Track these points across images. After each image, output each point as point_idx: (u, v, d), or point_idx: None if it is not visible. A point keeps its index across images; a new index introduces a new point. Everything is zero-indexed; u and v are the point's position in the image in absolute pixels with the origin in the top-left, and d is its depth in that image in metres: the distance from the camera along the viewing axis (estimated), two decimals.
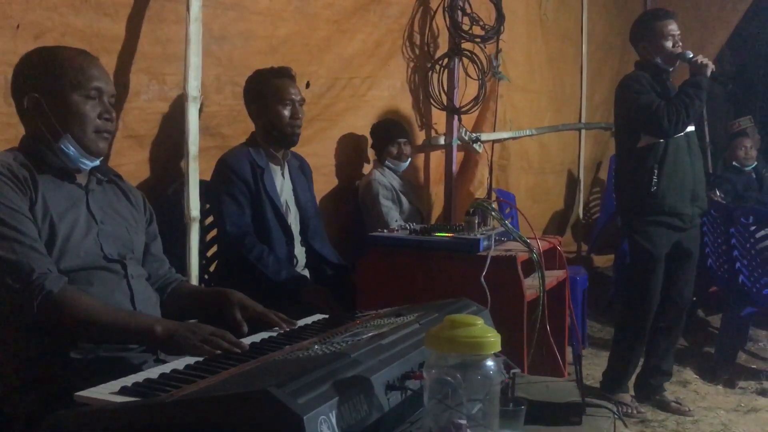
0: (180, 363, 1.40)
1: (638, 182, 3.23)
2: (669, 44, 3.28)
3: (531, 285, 2.28)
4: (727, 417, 3.41)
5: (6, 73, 1.86)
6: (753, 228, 3.93)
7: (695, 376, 3.99)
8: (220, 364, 1.39)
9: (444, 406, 1.17)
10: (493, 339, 1.15)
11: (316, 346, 1.39)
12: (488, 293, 2.06)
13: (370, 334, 1.46)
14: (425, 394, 1.18)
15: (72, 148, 1.65)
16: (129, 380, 1.26)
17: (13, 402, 1.54)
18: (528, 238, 2.30)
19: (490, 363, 1.16)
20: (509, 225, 2.32)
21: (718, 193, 4.93)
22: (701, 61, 3.21)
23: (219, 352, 1.47)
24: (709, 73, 3.20)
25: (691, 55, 3.25)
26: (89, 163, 1.70)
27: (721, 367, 4.04)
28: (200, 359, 1.43)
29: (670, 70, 3.37)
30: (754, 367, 4.14)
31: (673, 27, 3.30)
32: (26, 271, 1.47)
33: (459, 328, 1.16)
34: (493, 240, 2.31)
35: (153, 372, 1.32)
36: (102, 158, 1.75)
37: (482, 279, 2.09)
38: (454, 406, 1.16)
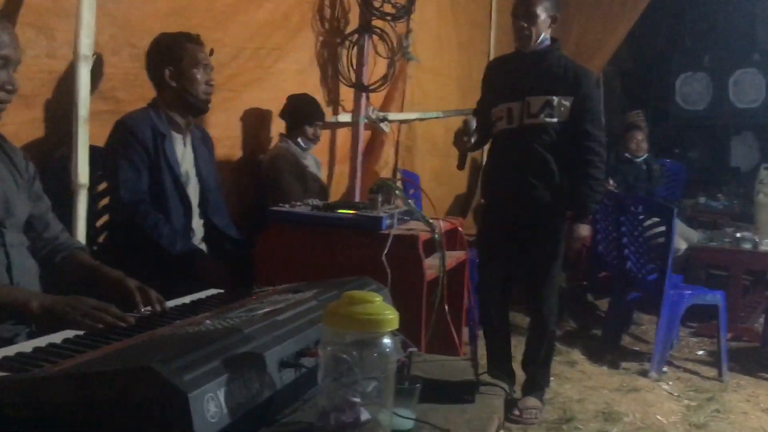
0: (58, 337, 1.31)
1: None
2: None
3: (432, 265, 2.29)
4: (610, 396, 3.58)
5: None
6: (641, 217, 4.12)
7: (582, 356, 4.17)
8: (102, 338, 1.31)
9: (338, 384, 1.14)
10: (391, 317, 1.13)
11: (208, 321, 1.33)
12: (389, 272, 2.05)
13: (265, 310, 1.42)
14: (320, 372, 1.15)
15: None
16: (10, 351, 1.16)
17: None
18: (430, 218, 2.31)
19: (386, 341, 1.14)
20: (412, 204, 2.31)
21: (611, 182, 5.14)
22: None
23: (102, 326, 1.39)
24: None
25: None
26: None
27: (607, 348, 4.24)
28: (80, 333, 1.35)
29: None
30: (637, 349, 4.37)
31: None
32: None
33: (356, 305, 1.13)
34: (395, 219, 2.30)
35: (26, 346, 1.23)
36: None
37: (383, 257, 2.08)
38: (349, 385, 1.13)
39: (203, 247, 2.72)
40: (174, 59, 2.63)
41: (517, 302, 3.69)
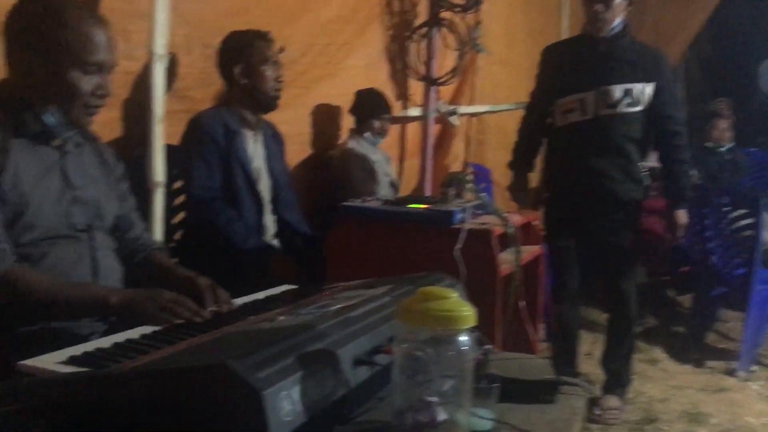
0: (135, 332, 1.32)
1: None
2: None
3: (505, 260, 2.22)
4: (695, 396, 3.42)
5: None
6: (727, 209, 3.92)
7: (664, 354, 4.00)
8: (178, 333, 1.31)
9: (414, 383, 1.11)
10: (468, 313, 1.09)
11: (281, 318, 1.32)
12: (462, 267, 2.00)
13: (338, 306, 1.39)
14: (394, 370, 1.12)
15: (55, 119, 1.54)
16: (79, 349, 1.18)
17: None
18: (504, 212, 2.24)
19: (463, 338, 1.10)
20: (485, 197, 2.25)
21: (694, 173, 4.92)
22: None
23: (178, 320, 1.40)
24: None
25: None
26: (69, 133, 1.60)
27: (691, 346, 4.06)
28: (158, 329, 1.35)
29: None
30: (723, 347, 4.17)
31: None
32: None
33: (432, 301, 1.09)
34: (468, 213, 2.25)
35: (105, 341, 1.24)
36: None
37: (456, 252, 2.03)
38: (425, 383, 1.10)
39: (275, 243, 2.74)
40: (244, 57, 2.65)
41: (589, 297, 3.57)
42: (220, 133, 2.58)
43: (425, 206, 2.30)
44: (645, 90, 2.97)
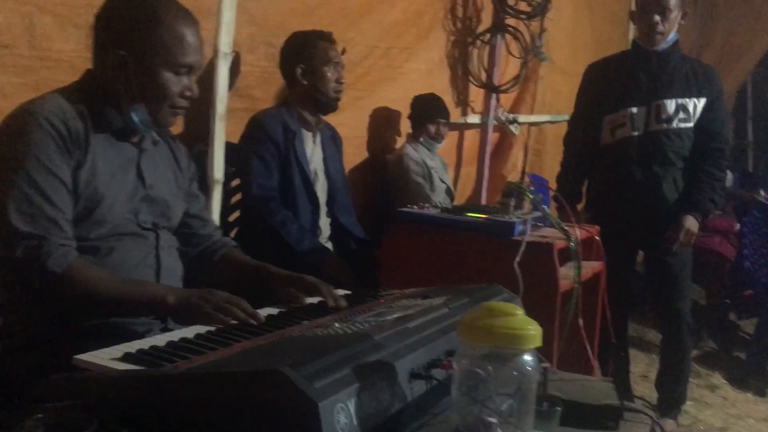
0: (190, 332, 1.31)
1: None
2: None
3: (565, 275, 2.15)
4: (756, 427, 3.27)
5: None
6: None
7: (724, 381, 3.85)
8: (232, 335, 1.29)
9: (472, 401, 1.06)
10: (534, 333, 1.04)
11: (336, 325, 1.29)
12: (521, 280, 1.94)
13: (395, 316, 1.36)
14: (453, 386, 1.07)
15: (140, 118, 1.53)
16: (133, 346, 1.17)
17: (14, 361, 1.47)
18: (566, 225, 2.17)
19: (527, 358, 1.05)
20: (546, 210, 2.18)
21: (762, 193, 4.73)
22: None
23: (233, 321, 1.38)
24: None
25: None
26: (150, 131, 1.60)
27: (752, 374, 3.89)
28: (212, 329, 1.34)
29: None
30: None
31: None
32: (35, 248, 1.36)
33: (496, 318, 1.04)
34: (528, 225, 2.18)
35: (160, 339, 1.23)
36: None
37: (515, 265, 1.97)
38: (484, 402, 1.05)
39: (329, 245, 2.72)
40: (306, 57, 2.65)
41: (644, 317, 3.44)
42: (279, 133, 2.57)
43: (484, 216, 2.25)
44: (697, 105, 2.89)
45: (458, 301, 1.51)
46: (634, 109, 2.93)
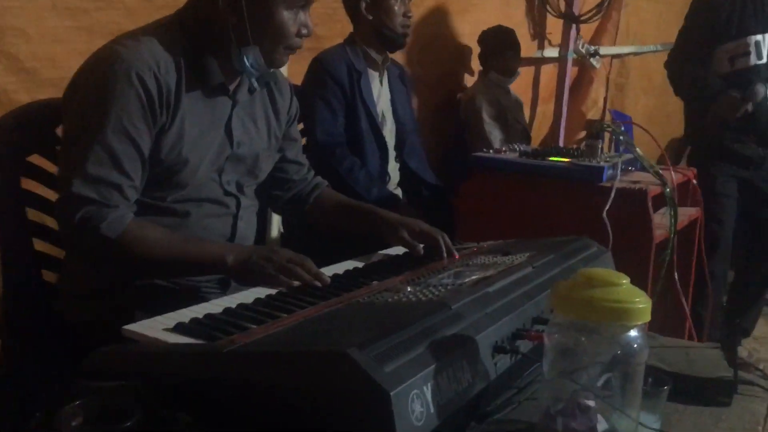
0: (249, 295, 1.20)
1: None
2: None
3: (658, 224, 1.95)
4: None
5: None
6: None
7: None
8: (294, 300, 1.18)
9: (567, 382, 0.91)
10: (643, 306, 0.88)
11: (408, 288, 1.16)
12: (610, 232, 1.76)
13: (473, 278, 1.21)
14: (545, 363, 0.93)
15: (252, 61, 1.38)
16: (186, 315, 1.07)
17: (75, 311, 1.43)
18: (661, 168, 1.96)
19: (635, 334, 0.89)
20: (640, 152, 1.97)
21: None
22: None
23: (296, 283, 1.26)
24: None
25: None
26: (253, 77, 1.43)
27: None
28: (272, 292, 1.23)
29: None
30: None
31: None
32: (92, 213, 1.26)
33: (597, 288, 0.88)
34: (618, 169, 1.97)
35: (216, 305, 1.13)
36: None
37: (604, 214, 1.78)
38: (582, 383, 0.90)
39: (399, 192, 2.58)
40: None
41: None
42: (344, 74, 2.42)
43: (568, 160, 2.05)
44: None
45: (543, 258, 1.36)
46: (757, 36, 2.68)
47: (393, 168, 2.57)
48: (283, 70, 2.26)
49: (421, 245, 1.54)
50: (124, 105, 1.27)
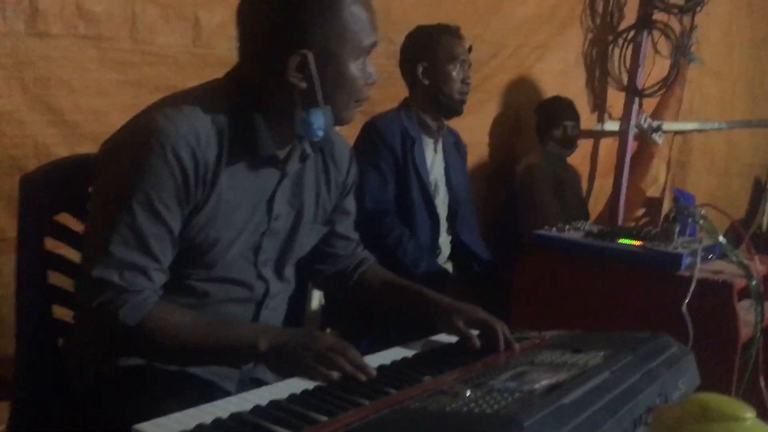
0: (282, 390, 1.04)
1: None
2: None
3: (744, 320, 1.74)
4: None
5: None
6: None
7: None
8: (336, 399, 1.01)
9: None
10: None
11: (468, 393, 0.98)
12: (690, 328, 1.56)
13: (543, 383, 1.04)
14: None
15: (321, 121, 1.23)
16: (209, 413, 0.92)
17: (81, 375, 1.28)
18: (745, 257, 1.76)
19: None
20: (722, 239, 1.78)
21: None
22: None
23: (337, 374, 1.10)
24: None
25: None
26: (324, 136, 1.28)
27: None
28: (309, 387, 1.07)
29: None
30: None
31: None
32: (114, 303, 1.13)
33: (717, 424, 0.71)
34: (699, 257, 1.78)
35: (241, 401, 0.97)
36: None
37: (684, 308, 1.59)
38: None
39: (449, 266, 2.42)
40: (428, 54, 2.36)
41: None
42: (397, 140, 2.30)
43: (640, 243, 1.86)
44: None
45: (621, 360, 1.17)
46: None
47: (444, 240, 2.42)
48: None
49: (476, 333, 1.37)
50: (157, 182, 1.14)
